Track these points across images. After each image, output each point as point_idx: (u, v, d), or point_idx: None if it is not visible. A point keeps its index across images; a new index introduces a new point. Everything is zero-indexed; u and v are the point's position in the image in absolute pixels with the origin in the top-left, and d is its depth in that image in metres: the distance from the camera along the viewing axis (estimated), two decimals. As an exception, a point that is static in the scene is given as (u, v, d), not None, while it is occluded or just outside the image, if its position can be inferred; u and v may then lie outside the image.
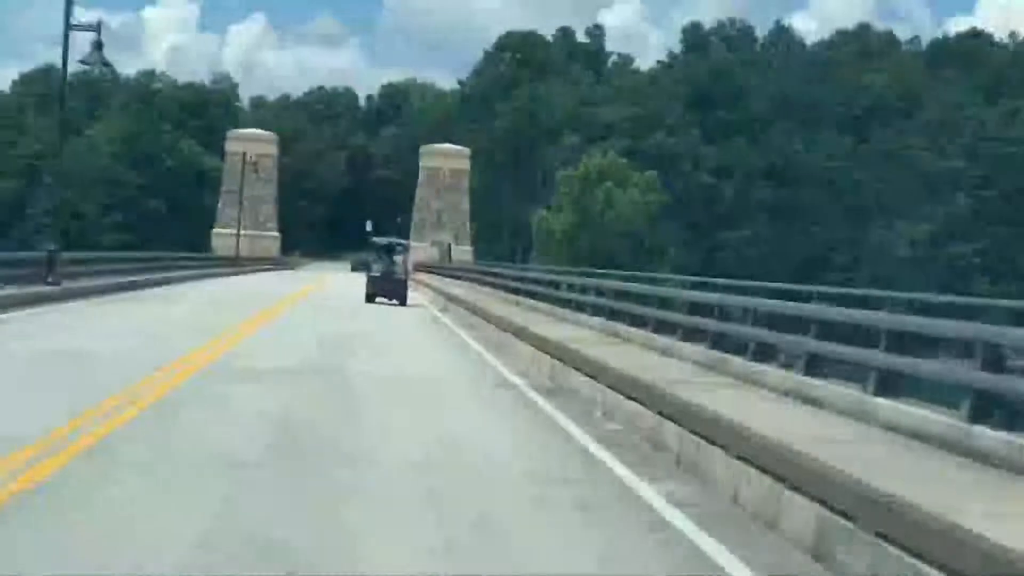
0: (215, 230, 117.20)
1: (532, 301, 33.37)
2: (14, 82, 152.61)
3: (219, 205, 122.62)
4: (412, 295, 45.63)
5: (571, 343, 19.50)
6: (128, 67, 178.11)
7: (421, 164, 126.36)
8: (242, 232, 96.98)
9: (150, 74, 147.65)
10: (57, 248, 30.72)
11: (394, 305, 40.85)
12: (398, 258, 44.26)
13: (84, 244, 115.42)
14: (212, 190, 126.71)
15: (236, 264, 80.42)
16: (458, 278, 59.51)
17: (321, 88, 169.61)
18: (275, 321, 30.61)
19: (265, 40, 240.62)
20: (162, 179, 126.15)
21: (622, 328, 21.81)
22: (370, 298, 41.43)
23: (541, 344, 21.25)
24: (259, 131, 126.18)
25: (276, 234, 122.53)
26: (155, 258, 55.75)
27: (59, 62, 32.63)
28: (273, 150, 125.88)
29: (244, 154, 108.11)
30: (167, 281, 46.90)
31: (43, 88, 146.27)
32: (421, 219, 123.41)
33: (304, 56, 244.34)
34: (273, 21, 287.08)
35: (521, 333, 24.09)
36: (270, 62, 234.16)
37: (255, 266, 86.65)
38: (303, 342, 24.02)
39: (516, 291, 38.04)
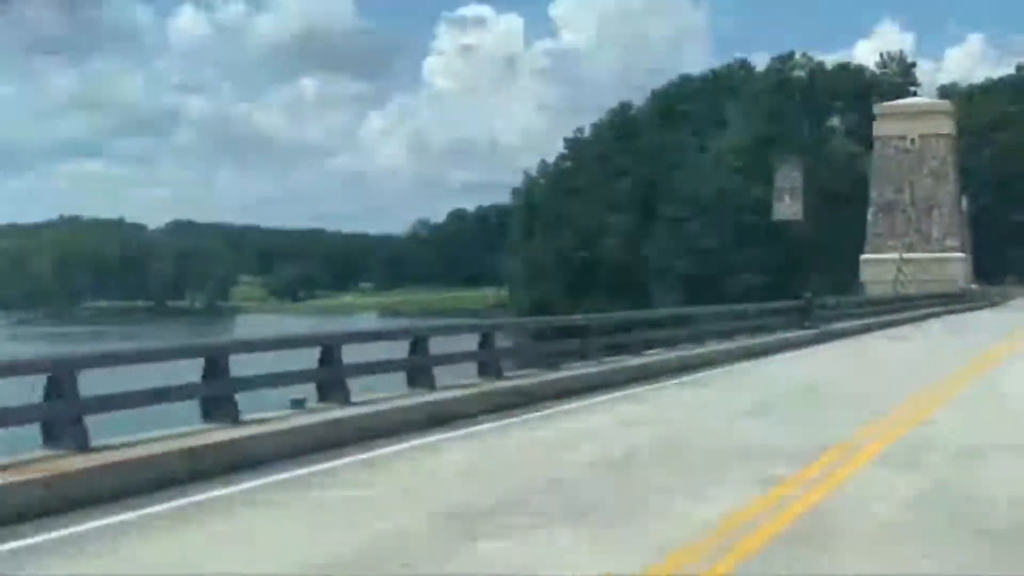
0: (863, 256, 78.55)
1: None
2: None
3: (868, 218, 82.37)
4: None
5: None
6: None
7: None
8: (904, 255, 61.87)
9: (786, 58, 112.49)
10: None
11: None
12: None
13: (708, 292, 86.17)
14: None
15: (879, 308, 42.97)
16: None
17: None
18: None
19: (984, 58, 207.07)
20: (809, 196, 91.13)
21: None
22: None
23: None
24: (922, 100, 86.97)
25: (961, 255, 78.77)
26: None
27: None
28: (947, 127, 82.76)
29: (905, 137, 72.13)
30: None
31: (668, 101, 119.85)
32: None
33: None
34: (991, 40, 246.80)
35: None
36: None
37: (910, 308, 50.43)
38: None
39: None
